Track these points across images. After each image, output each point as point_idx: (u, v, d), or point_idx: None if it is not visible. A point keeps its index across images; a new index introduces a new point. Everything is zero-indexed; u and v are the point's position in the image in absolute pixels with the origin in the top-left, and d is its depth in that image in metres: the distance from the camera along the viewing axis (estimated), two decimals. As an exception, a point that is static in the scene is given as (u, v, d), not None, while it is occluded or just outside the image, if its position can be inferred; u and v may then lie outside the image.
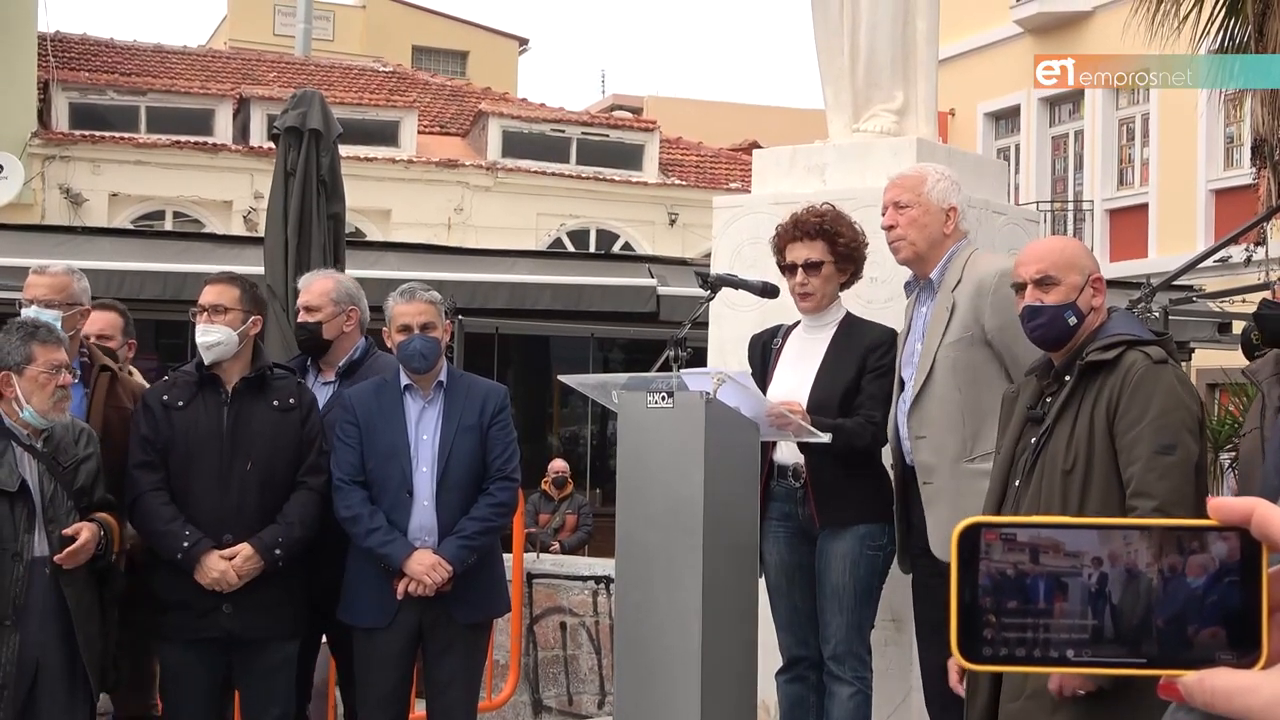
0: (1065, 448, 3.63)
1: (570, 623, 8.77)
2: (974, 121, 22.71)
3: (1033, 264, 3.86)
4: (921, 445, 4.41)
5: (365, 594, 4.75)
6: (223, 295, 4.73)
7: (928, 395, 4.42)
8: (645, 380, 4.37)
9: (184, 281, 11.57)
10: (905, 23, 5.66)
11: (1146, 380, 3.58)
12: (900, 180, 4.63)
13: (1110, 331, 3.74)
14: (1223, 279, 15.01)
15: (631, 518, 4.30)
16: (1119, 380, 3.60)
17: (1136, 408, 3.56)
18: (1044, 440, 3.68)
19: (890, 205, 4.57)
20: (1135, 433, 3.54)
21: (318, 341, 5.15)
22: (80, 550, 4.23)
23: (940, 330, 4.44)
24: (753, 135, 23.96)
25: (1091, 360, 3.66)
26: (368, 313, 5.30)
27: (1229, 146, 18.86)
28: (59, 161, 19.83)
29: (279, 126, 7.72)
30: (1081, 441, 3.61)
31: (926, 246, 4.52)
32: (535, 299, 13.93)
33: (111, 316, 5.49)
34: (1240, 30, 10.12)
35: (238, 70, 24.51)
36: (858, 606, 4.59)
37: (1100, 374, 3.65)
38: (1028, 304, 3.80)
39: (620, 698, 4.41)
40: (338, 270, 6.46)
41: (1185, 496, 3.54)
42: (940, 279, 4.51)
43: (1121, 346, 3.67)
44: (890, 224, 4.55)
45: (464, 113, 24.37)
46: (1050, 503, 3.60)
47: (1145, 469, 3.52)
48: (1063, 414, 3.67)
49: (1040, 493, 3.65)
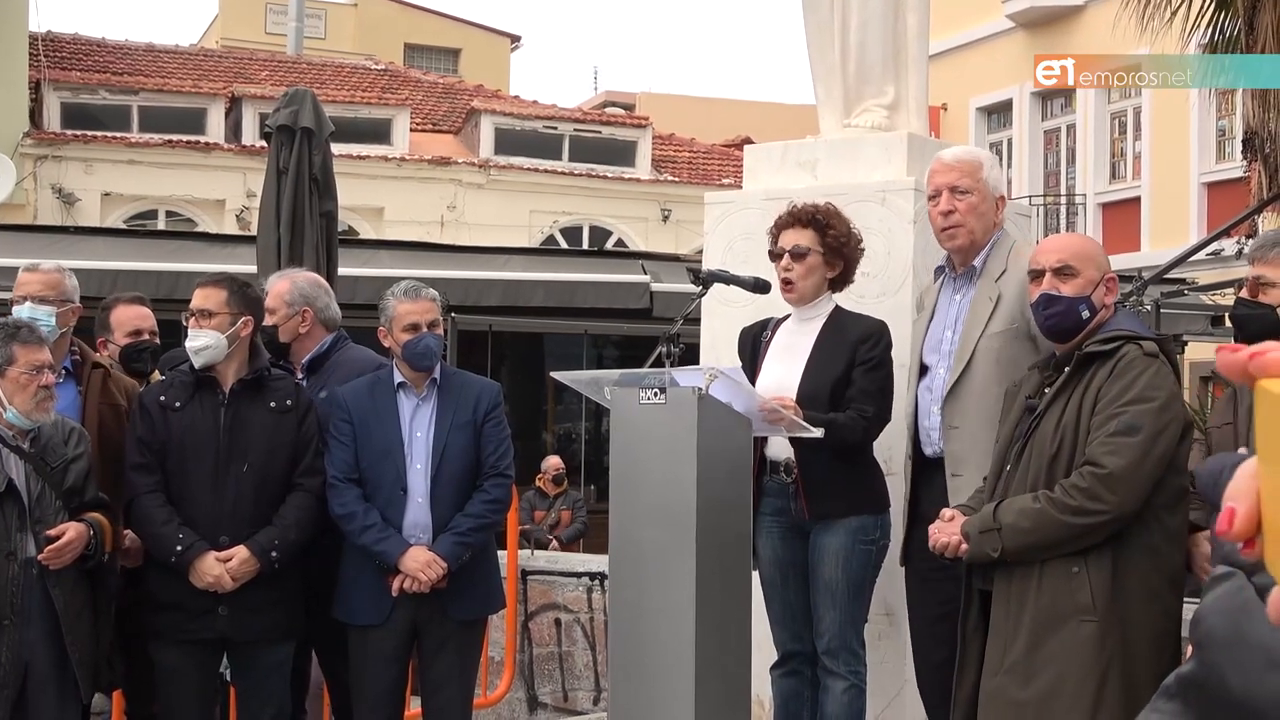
0: (1053, 433, 3.71)
1: (565, 619, 8.77)
2: (966, 116, 22.73)
3: (1053, 253, 3.90)
4: (955, 435, 4.32)
5: (360, 592, 4.76)
6: (209, 299, 4.70)
7: (965, 386, 4.32)
8: (638, 376, 4.37)
9: (177, 281, 11.56)
10: (896, 18, 5.66)
11: (1133, 367, 3.67)
12: (958, 164, 4.46)
13: (1112, 327, 3.81)
14: (1215, 272, 15.03)
15: (625, 514, 4.31)
16: (1109, 369, 3.68)
17: (1115, 390, 3.65)
18: (1033, 426, 3.74)
19: (946, 189, 4.40)
20: (1107, 413, 3.64)
21: (275, 344, 5.16)
22: (64, 549, 4.20)
23: (983, 320, 4.35)
24: (745, 131, 23.98)
25: (1089, 351, 3.72)
26: (334, 308, 5.27)
27: (1220, 140, 18.89)
28: (51, 161, 19.80)
29: (271, 125, 7.72)
30: (1069, 427, 3.69)
31: (982, 235, 4.42)
32: (529, 296, 13.94)
33: (146, 311, 5.53)
34: (1230, 24, 10.13)
35: (230, 69, 24.48)
36: (851, 601, 4.60)
37: (1094, 365, 3.72)
38: (1045, 291, 3.84)
39: (615, 694, 4.42)
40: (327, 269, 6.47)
41: (1136, 477, 3.61)
42: (982, 268, 4.43)
43: (1119, 341, 3.73)
44: (949, 209, 4.38)
45: (456, 110, 24.35)
46: (1036, 487, 3.71)
47: (1100, 444, 3.62)
48: (1054, 402, 3.74)
49: (1028, 477, 3.73)
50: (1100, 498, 3.61)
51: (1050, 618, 3.66)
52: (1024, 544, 3.67)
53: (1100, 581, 3.65)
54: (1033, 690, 3.64)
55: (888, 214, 5.20)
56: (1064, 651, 3.63)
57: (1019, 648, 3.68)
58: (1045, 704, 3.62)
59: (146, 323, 5.46)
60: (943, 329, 4.50)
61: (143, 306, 5.55)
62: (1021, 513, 3.68)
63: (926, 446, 4.47)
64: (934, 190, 4.48)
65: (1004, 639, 3.74)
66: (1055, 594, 3.67)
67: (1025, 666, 3.66)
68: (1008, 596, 3.75)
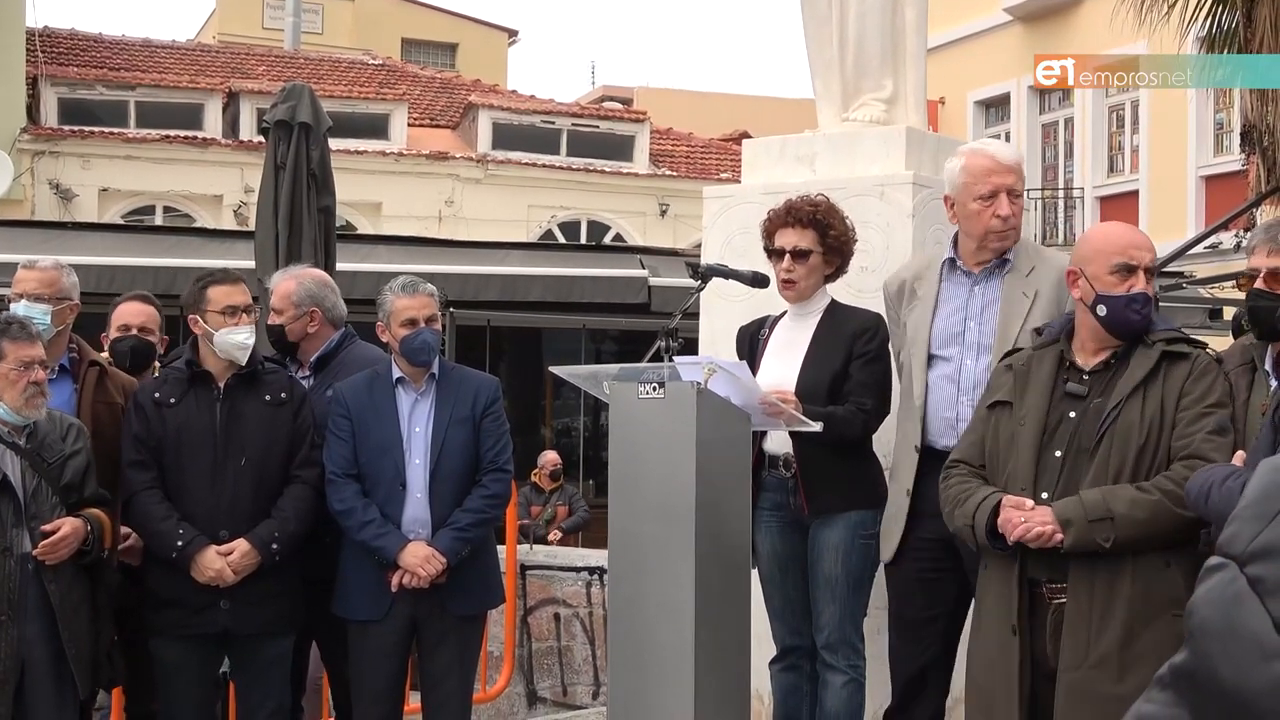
0: (1138, 424, 3.73)
1: (564, 614, 8.79)
2: (964, 110, 22.74)
3: (1149, 251, 3.92)
4: None
5: (359, 587, 4.75)
6: (247, 294, 4.79)
7: None
8: (637, 371, 4.37)
9: (175, 277, 11.55)
10: (894, 12, 5.65)
11: (1209, 371, 3.79)
12: (1016, 165, 4.50)
13: (1159, 326, 3.90)
14: (1213, 265, 15.05)
15: (624, 509, 4.31)
16: (1187, 370, 3.77)
17: (1199, 391, 3.74)
18: (1113, 416, 3.76)
19: (1005, 192, 4.41)
20: (1197, 410, 3.72)
21: (284, 343, 5.18)
22: (60, 544, 4.18)
23: (1022, 314, 4.34)
24: (743, 125, 24.00)
25: (1175, 351, 3.81)
26: (340, 306, 5.28)
27: (1219, 133, 18.90)
28: (48, 157, 19.80)
29: (269, 120, 7.72)
30: (1154, 421, 3.73)
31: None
32: (526, 291, 13.94)
33: (151, 310, 5.50)
34: (1228, 17, 10.13)
35: (227, 64, 24.47)
36: (850, 595, 4.60)
37: (1166, 362, 3.79)
38: (1143, 291, 3.83)
39: (614, 688, 4.42)
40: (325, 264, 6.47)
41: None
42: (1015, 263, 4.44)
43: (1185, 343, 3.86)
44: (1009, 213, 4.40)
45: (454, 105, 24.35)
46: (1121, 474, 3.71)
47: (1204, 440, 3.68)
48: (1132, 396, 3.76)
49: (1109, 465, 3.73)
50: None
51: (1145, 612, 3.62)
52: (1137, 535, 3.62)
53: (1190, 576, 3.62)
54: (1130, 684, 3.56)
55: (886, 208, 5.19)
56: (1161, 646, 3.55)
57: (1109, 641, 3.63)
58: None
59: (139, 319, 5.42)
60: (963, 319, 4.46)
61: (140, 303, 5.51)
62: (1135, 503, 3.63)
63: (944, 438, 4.37)
64: (991, 190, 4.40)
65: (1087, 632, 3.66)
66: (1149, 588, 3.64)
67: (1119, 660, 3.61)
68: (1090, 589, 3.68)
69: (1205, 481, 3.46)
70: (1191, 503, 3.56)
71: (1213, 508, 3.39)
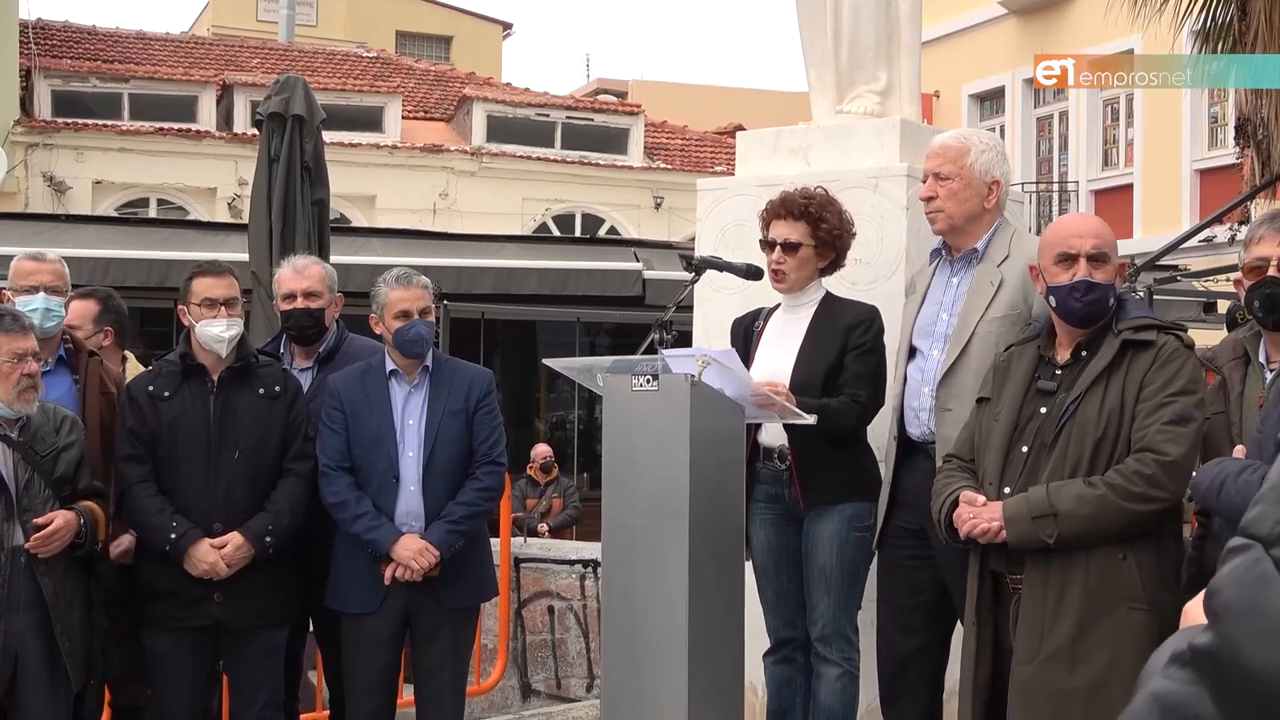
0: (1096, 418, 3.69)
1: (558, 606, 8.79)
2: (959, 103, 22.72)
3: (1089, 238, 3.86)
4: (947, 418, 4.29)
5: (353, 580, 4.75)
6: (231, 287, 4.75)
7: (961, 368, 4.31)
8: (630, 363, 4.36)
9: (168, 269, 11.55)
10: (888, 4, 5.65)
11: (1176, 358, 3.70)
12: (943, 149, 4.52)
13: (1133, 314, 3.83)
14: (1207, 259, 15.05)
15: (617, 501, 4.30)
16: (1151, 358, 3.71)
17: (1161, 380, 3.67)
18: (1071, 409, 3.73)
19: (930, 175, 4.48)
20: (1156, 400, 3.65)
21: (321, 328, 5.14)
22: (51, 537, 4.17)
23: (983, 304, 4.35)
24: (737, 118, 23.94)
25: (1137, 339, 3.74)
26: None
27: (1213, 126, 18.90)
28: (42, 149, 19.76)
29: (262, 113, 7.71)
30: (1113, 413, 3.69)
31: (963, 220, 4.44)
32: (521, 283, 13.93)
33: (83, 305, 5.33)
34: (1223, 11, 10.13)
35: (221, 57, 24.44)
36: (844, 588, 4.60)
37: (1131, 351, 3.74)
38: (1084, 278, 3.79)
39: (608, 681, 4.42)
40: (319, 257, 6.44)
41: (1188, 467, 3.67)
42: (984, 252, 4.44)
43: (1153, 330, 3.77)
44: (929, 195, 4.46)
45: (448, 98, 24.32)
46: (1078, 468, 3.68)
47: (1159, 432, 3.63)
48: (1092, 387, 3.73)
49: (1066, 458, 3.70)
50: (1163, 485, 3.59)
51: (1098, 605, 3.61)
52: (1081, 530, 3.61)
53: (1147, 569, 3.62)
54: (1080, 678, 3.58)
55: (880, 200, 5.19)
56: (1114, 639, 3.57)
57: (1061, 634, 3.62)
58: (1096, 691, 3.55)
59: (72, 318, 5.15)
60: (937, 311, 4.49)
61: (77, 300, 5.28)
62: (1079, 499, 3.61)
63: (913, 427, 4.46)
64: (923, 175, 4.54)
65: (1040, 625, 3.66)
66: (1102, 581, 3.62)
67: (1070, 654, 3.61)
68: (1044, 582, 3.68)
69: (1218, 475, 3.44)
70: (1201, 496, 3.55)
71: (1226, 501, 3.38)
